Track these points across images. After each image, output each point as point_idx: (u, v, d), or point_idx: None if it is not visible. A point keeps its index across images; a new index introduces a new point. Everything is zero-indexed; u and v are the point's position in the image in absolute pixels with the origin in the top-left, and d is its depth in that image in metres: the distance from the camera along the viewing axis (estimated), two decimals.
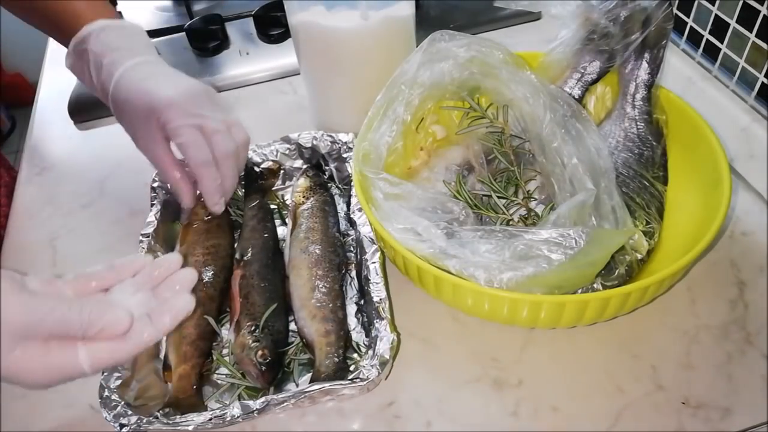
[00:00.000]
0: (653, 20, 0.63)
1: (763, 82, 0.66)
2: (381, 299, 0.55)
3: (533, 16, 0.96)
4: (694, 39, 0.75)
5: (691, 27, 0.75)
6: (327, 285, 0.58)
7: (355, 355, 0.57)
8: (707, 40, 0.73)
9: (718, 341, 0.57)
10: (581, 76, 0.67)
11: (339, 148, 0.69)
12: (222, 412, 0.49)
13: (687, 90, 0.72)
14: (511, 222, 0.60)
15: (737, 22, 0.67)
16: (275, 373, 0.54)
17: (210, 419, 0.49)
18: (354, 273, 0.63)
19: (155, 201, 0.66)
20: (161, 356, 0.57)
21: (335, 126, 0.74)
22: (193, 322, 0.57)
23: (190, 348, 0.55)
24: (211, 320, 0.57)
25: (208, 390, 0.56)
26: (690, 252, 0.52)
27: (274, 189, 0.72)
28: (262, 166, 0.71)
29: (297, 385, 0.56)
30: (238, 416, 0.49)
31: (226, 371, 0.56)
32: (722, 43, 0.70)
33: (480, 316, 0.57)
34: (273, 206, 0.70)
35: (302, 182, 0.68)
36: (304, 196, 0.66)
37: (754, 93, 0.68)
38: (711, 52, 0.73)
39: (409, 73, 0.63)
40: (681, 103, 0.65)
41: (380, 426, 0.54)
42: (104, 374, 0.52)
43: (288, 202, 0.69)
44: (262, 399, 0.50)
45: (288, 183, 0.73)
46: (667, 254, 0.59)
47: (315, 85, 0.76)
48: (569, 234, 0.51)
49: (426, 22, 0.87)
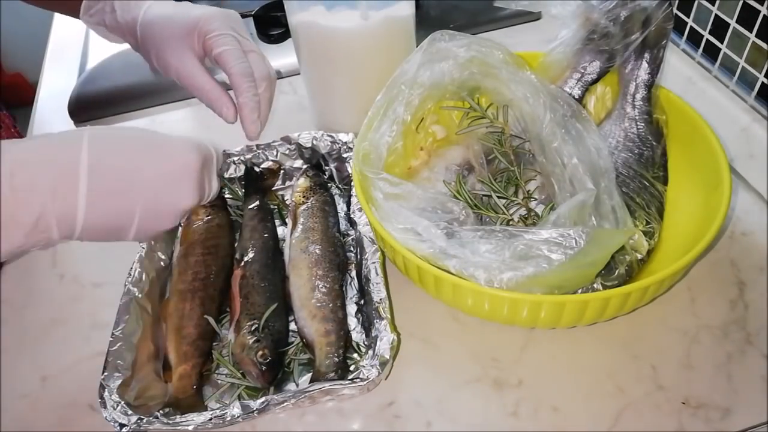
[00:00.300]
0: (653, 20, 0.63)
1: (763, 82, 0.66)
2: (381, 299, 0.55)
3: (533, 16, 0.96)
4: (694, 39, 0.75)
5: (691, 27, 0.75)
6: (327, 285, 0.58)
7: (355, 355, 0.57)
8: (707, 40, 0.73)
9: (719, 341, 0.57)
10: (581, 76, 0.67)
11: (339, 148, 0.69)
12: (222, 412, 0.49)
13: (687, 90, 0.72)
14: (511, 222, 0.60)
15: (737, 22, 0.67)
16: (275, 373, 0.54)
17: (210, 419, 0.49)
18: (354, 273, 0.63)
19: None
20: (161, 356, 0.57)
21: (335, 126, 0.74)
22: (193, 322, 0.57)
23: (190, 348, 0.55)
24: (211, 320, 0.57)
25: (208, 390, 0.56)
26: (690, 252, 0.52)
27: (274, 189, 0.72)
28: (262, 166, 0.71)
29: (297, 385, 0.56)
30: (238, 416, 0.49)
31: (226, 371, 0.56)
32: (722, 43, 0.70)
33: (480, 316, 0.57)
34: (273, 206, 0.70)
35: (302, 182, 0.68)
36: (304, 196, 0.66)
37: (754, 93, 0.68)
38: (711, 52, 0.73)
39: (409, 73, 0.63)
40: (681, 103, 0.65)
41: (380, 426, 0.54)
42: (104, 374, 0.52)
43: (288, 202, 0.69)
44: (262, 399, 0.50)
45: (288, 183, 0.73)
46: (667, 254, 0.59)
47: (315, 85, 0.76)
48: (569, 234, 0.51)
49: (426, 22, 0.87)
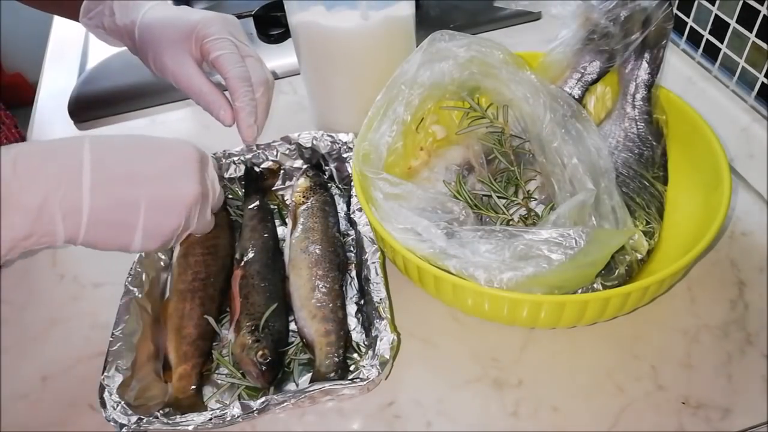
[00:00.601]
0: (653, 20, 0.63)
1: (763, 82, 0.66)
2: (381, 299, 0.55)
3: (533, 16, 0.96)
4: (694, 39, 0.75)
5: (691, 27, 0.75)
6: (327, 285, 0.58)
7: (355, 355, 0.57)
8: (707, 40, 0.73)
9: (719, 341, 0.57)
10: (581, 76, 0.67)
11: (339, 148, 0.69)
12: (222, 412, 0.49)
13: (687, 90, 0.72)
14: (511, 222, 0.60)
15: (737, 22, 0.67)
16: (275, 373, 0.54)
17: (210, 419, 0.49)
18: (354, 273, 0.63)
19: None
20: (161, 356, 0.57)
21: (335, 126, 0.74)
22: (193, 322, 0.57)
23: (190, 348, 0.55)
24: (211, 320, 0.57)
25: (208, 390, 0.56)
26: (690, 252, 0.52)
27: (274, 189, 0.72)
28: (262, 166, 0.71)
29: (297, 385, 0.56)
30: (238, 416, 0.49)
31: (226, 371, 0.56)
32: (722, 43, 0.70)
33: (480, 316, 0.57)
34: (273, 206, 0.70)
35: (302, 182, 0.68)
36: (304, 196, 0.66)
37: (754, 93, 0.68)
38: (711, 52, 0.73)
39: (409, 73, 0.63)
40: (681, 103, 0.65)
41: (380, 426, 0.54)
42: (104, 374, 0.52)
43: (288, 202, 0.69)
44: (262, 399, 0.50)
45: (288, 183, 0.73)
46: (667, 254, 0.59)
47: (315, 85, 0.76)
48: (569, 234, 0.51)
49: (426, 22, 0.87)
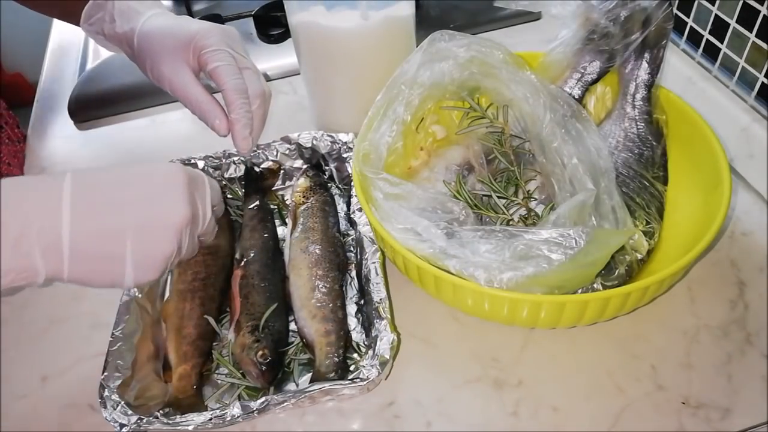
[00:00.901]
0: (653, 20, 0.63)
1: (763, 82, 0.66)
2: (381, 299, 0.55)
3: (533, 16, 0.96)
4: (694, 39, 0.75)
5: (691, 27, 0.75)
6: (327, 285, 0.58)
7: (355, 355, 0.57)
8: (707, 40, 0.73)
9: (718, 341, 0.57)
10: (581, 76, 0.67)
11: (339, 148, 0.69)
12: (222, 412, 0.49)
13: (687, 90, 0.72)
14: (511, 222, 0.60)
15: (737, 22, 0.67)
16: (275, 373, 0.54)
17: (210, 419, 0.49)
18: (354, 273, 0.63)
19: None
20: (161, 356, 0.57)
21: (335, 126, 0.74)
22: (193, 322, 0.57)
23: (190, 348, 0.55)
24: (211, 320, 0.57)
25: (208, 390, 0.56)
26: (690, 252, 0.52)
27: (274, 189, 0.72)
28: (262, 166, 0.71)
29: (297, 385, 0.56)
30: (238, 416, 0.49)
31: (226, 371, 0.56)
32: (722, 43, 0.70)
33: (480, 316, 0.57)
34: (273, 206, 0.70)
35: (302, 182, 0.68)
36: (304, 196, 0.66)
37: (754, 93, 0.68)
38: (711, 52, 0.73)
39: (409, 73, 0.62)
40: (681, 103, 0.65)
41: (380, 426, 0.54)
42: (104, 374, 0.52)
43: (288, 202, 0.69)
44: (262, 399, 0.50)
45: (288, 183, 0.73)
46: (667, 254, 0.59)
47: (315, 85, 0.76)
48: (569, 234, 0.51)
49: (426, 22, 0.87)
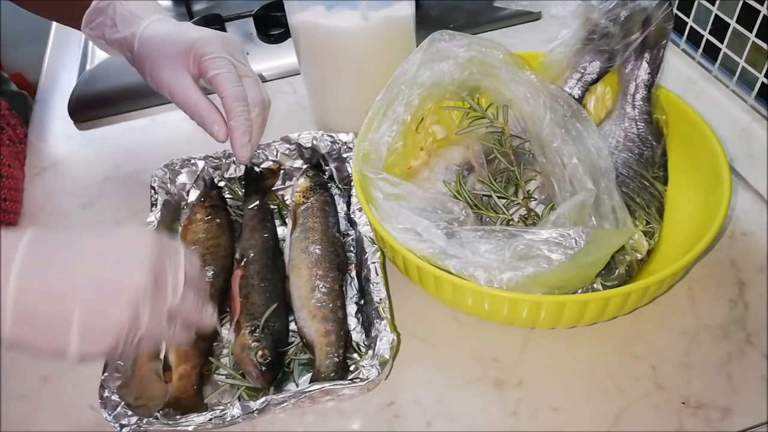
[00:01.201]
0: (653, 20, 0.63)
1: (763, 82, 0.66)
2: (381, 299, 0.55)
3: (533, 16, 0.96)
4: (694, 39, 0.75)
5: (691, 27, 0.75)
6: (327, 285, 0.58)
7: (355, 355, 0.57)
8: (707, 40, 0.73)
9: (718, 341, 0.57)
10: (581, 76, 0.67)
11: (339, 148, 0.69)
12: (222, 413, 0.49)
13: (687, 90, 0.72)
14: (511, 222, 0.60)
15: (737, 22, 0.67)
16: (275, 373, 0.54)
17: (210, 419, 0.49)
18: (354, 273, 0.63)
19: (155, 201, 0.66)
20: (161, 356, 0.57)
21: (335, 126, 0.74)
22: None
23: (190, 348, 0.55)
24: None
25: (208, 390, 0.56)
26: (690, 252, 0.52)
27: (274, 189, 0.72)
28: (262, 166, 0.71)
29: (297, 385, 0.56)
30: (238, 416, 0.49)
31: (226, 371, 0.56)
32: (722, 43, 0.70)
33: (480, 316, 0.57)
34: (273, 206, 0.70)
35: (302, 182, 0.68)
36: (304, 196, 0.66)
37: (754, 93, 0.68)
38: (711, 52, 0.73)
39: (409, 73, 0.62)
40: (681, 103, 0.65)
41: (380, 426, 0.54)
42: (104, 374, 0.52)
43: (288, 202, 0.69)
44: (262, 399, 0.50)
45: (288, 183, 0.73)
46: (667, 254, 0.59)
47: (315, 85, 0.76)
48: (569, 234, 0.51)
49: (426, 22, 0.86)
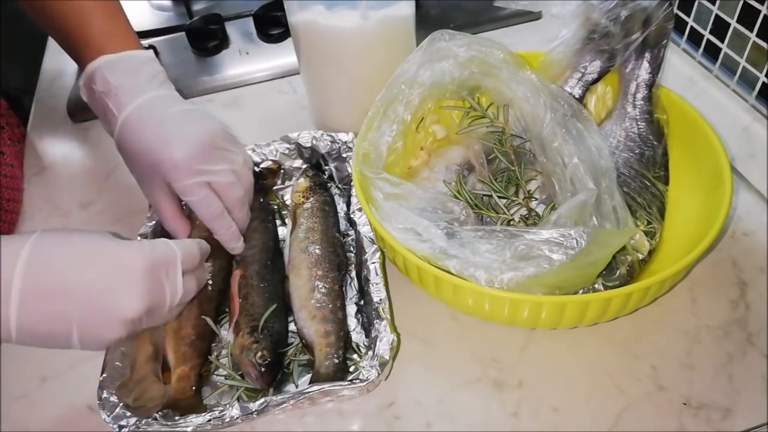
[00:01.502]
0: (654, 20, 0.63)
1: (764, 82, 0.66)
2: (381, 299, 0.55)
3: (533, 16, 0.96)
4: (695, 38, 0.75)
5: (692, 27, 0.74)
6: (327, 285, 0.58)
7: (355, 356, 0.57)
8: (708, 40, 0.73)
9: (720, 341, 0.57)
10: (582, 76, 0.67)
11: (339, 148, 0.69)
12: (221, 413, 0.49)
13: (688, 89, 0.72)
14: (512, 222, 0.60)
15: (738, 22, 0.67)
16: (275, 374, 0.54)
17: (209, 420, 0.49)
18: (354, 273, 0.63)
19: None
20: (160, 357, 0.57)
21: (335, 126, 0.74)
22: (191, 323, 0.56)
23: (189, 349, 0.55)
24: (210, 321, 0.57)
25: (207, 391, 0.56)
26: (691, 252, 0.52)
27: (274, 189, 0.72)
28: (262, 166, 0.71)
29: (296, 386, 0.55)
30: (237, 417, 0.49)
31: (225, 372, 0.56)
32: (723, 43, 0.70)
33: (480, 317, 0.57)
34: (273, 206, 0.70)
35: (302, 182, 0.68)
36: (304, 196, 0.66)
37: (755, 92, 0.68)
38: (712, 52, 0.73)
39: (409, 73, 0.62)
40: (682, 103, 0.65)
41: (380, 426, 0.54)
42: (103, 375, 0.51)
43: (288, 202, 0.69)
44: (262, 400, 0.50)
45: (288, 183, 0.73)
46: (669, 254, 0.59)
47: (315, 85, 0.76)
48: (570, 234, 0.50)
49: (426, 22, 0.86)
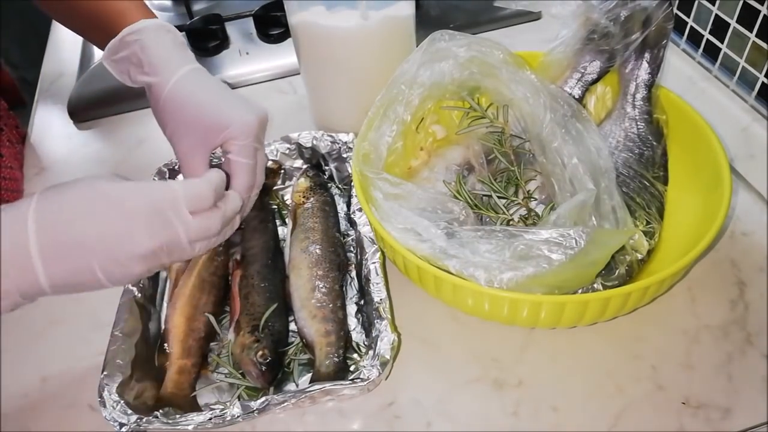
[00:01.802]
0: (653, 20, 0.63)
1: (764, 82, 0.66)
2: (381, 299, 0.55)
3: (533, 16, 0.96)
4: (695, 39, 0.75)
5: (692, 27, 0.75)
6: (327, 285, 0.58)
7: (356, 356, 0.57)
8: (707, 40, 0.73)
9: (719, 341, 0.57)
10: (581, 76, 0.67)
11: (339, 148, 0.69)
12: (222, 412, 0.49)
13: (687, 90, 0.72)
14: (512, 222, 0.60)
15: (737, 22, 0.67)
16: (275, 373, 0.54)
17: (210, 419, 0.49)
18: (354, 273, 0.63)
19: None
20: (165, 348, 0.57)
21: (335, 126, 0.74)
22: (205, 318, 0.57)
23: (195, 344, 0.56)
24: (212, 319, 0.57)
25: (208, 390, 0.56)
26: (690, 252, 0.52)
27: (275, 189, 0.72)
28: None
29: (297, 386, 0.56)
30: (238, 416, 0.49)
31: (226, 371, 0.56)
32: (722, 43, 0.70)
33: (480, 316, 0.57)
34: (273, 206, 0.70)
35: (302, 182, 0.68)
36: (304, 196, 0.66)
37: (755, 93, 0.68)
38: (711, 52, 0.73)
39: (409, 73, 0.62)
40: (681, 103, 0.65)
41: (380, 426, 0.54)
42: (104, 374, 0.52)
43: (288, 202, 0.69)
44: (262, 399, 0.50)
45: (288, 183, 0.73)
46: (668, 254, 0.59)
47: (315, 85, 0.76)
48: (569, 234, 0.51)
49: (426, 22, 0.86)
